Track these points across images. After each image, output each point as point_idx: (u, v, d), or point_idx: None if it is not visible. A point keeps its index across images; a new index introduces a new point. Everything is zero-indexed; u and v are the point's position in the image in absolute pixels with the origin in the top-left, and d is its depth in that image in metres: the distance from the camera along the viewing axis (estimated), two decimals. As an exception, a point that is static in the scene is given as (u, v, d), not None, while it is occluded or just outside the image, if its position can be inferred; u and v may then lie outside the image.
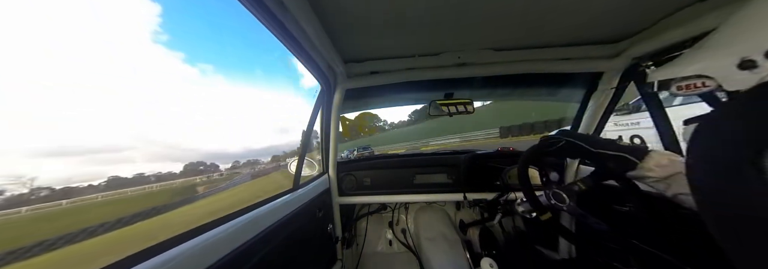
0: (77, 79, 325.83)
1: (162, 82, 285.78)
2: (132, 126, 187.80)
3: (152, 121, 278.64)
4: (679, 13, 0.84)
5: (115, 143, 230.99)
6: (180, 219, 13.07)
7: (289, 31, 0.78)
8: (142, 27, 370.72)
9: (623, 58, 1.13)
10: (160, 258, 0.51)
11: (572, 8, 0.83)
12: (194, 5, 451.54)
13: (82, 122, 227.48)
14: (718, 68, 0.51)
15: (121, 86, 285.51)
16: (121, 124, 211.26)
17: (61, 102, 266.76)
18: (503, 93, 1.79)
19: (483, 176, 1.51)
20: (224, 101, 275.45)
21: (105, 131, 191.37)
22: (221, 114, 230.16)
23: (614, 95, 1.25)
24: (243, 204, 0.87)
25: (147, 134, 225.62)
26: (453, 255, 1.54)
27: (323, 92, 1.34)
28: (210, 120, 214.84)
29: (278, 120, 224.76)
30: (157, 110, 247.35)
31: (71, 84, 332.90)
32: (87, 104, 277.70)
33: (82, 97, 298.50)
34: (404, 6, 0.78)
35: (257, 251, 0.77)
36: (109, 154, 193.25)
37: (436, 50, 1.18)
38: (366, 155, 1.84)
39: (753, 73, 0.44)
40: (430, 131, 24.33)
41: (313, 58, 1.04)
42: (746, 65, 0.45)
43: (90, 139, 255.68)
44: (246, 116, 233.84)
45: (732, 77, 0.48)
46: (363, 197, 1.63)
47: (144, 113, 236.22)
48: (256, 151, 71.84)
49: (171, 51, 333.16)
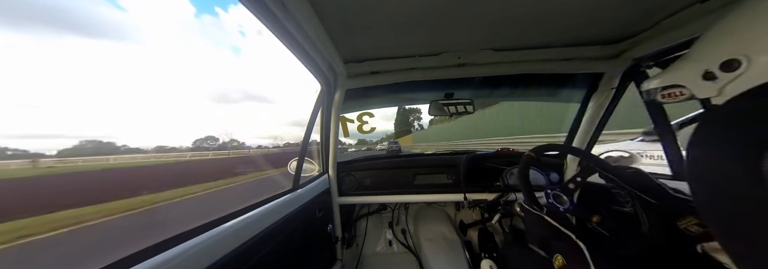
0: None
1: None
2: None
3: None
4: (679, 14, 0.84)
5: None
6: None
7: (289, 31, 0.78)
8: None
9: (623, 58, 1.13)
10: (160, 258, 0.51)
11: (573, 9, 0.83)
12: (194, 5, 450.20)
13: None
14: (689, 78, 0.57)
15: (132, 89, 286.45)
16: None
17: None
18: (503, 93, 1.79)
19: (483, 177, 1.51)
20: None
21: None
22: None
23: (614, 95, 1.25)
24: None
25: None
26: (452, 256, 1.54)
27: (323, 92, 1.34)
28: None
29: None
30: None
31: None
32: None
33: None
34: (404, 6, 0.78)
35: (257, 251, 0.77)
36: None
37: (436, 50, 1.18)
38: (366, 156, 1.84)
39: (714, 83, 0.50)
40: (464, 129, 21.93)
41: (314, 58, 1.04)
42: (708, 77, 0.51)
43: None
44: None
45: (699, 86, 0.54)
46: (363, 197, 1.63)
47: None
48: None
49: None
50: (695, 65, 0.55)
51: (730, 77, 0.47)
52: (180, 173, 15.33)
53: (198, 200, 6.74)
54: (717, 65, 0.49)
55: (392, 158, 1.84)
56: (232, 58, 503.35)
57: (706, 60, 0.52)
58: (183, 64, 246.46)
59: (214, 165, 12.36)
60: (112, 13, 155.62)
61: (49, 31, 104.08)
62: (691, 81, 0.56)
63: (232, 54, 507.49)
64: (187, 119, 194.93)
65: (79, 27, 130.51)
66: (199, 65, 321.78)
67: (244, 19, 39.13)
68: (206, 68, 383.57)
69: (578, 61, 1.21)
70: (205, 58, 49.03)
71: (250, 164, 13.20)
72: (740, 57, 0.45)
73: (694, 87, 0.56)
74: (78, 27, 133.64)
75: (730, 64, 0.46)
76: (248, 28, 35.81)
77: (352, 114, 1.60)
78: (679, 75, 0.61)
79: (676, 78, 0.61)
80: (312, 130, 1.36)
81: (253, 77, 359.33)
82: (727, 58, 0.47)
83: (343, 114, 1.52)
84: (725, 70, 0.48)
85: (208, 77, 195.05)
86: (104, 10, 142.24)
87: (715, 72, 0.49)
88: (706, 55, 0.53)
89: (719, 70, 0.48)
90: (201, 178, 10.69)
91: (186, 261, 0.54)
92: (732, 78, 0.47)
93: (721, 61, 0.48)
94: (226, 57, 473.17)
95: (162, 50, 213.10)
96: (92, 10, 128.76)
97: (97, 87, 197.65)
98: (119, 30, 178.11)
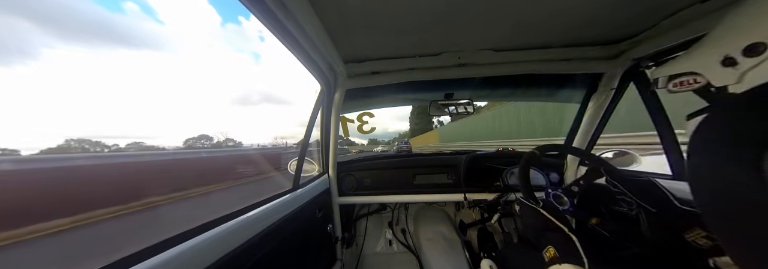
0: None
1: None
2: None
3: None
4: (679, 14, 0.84)
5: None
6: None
7: (289, 31, 0.78)
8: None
9: (623, 59, 1.13)
10: (160, 258, 0.51)
11: (573, 9, 0.83)
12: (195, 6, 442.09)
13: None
14: (706, 65, 0.54)
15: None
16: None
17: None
18: (503, 94, 1.79)
19: (483, 177, 1.51)
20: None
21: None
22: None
23: (614, 96, 1.25)
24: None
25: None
26: (452, 256, 1.54)
27: (323, 92, 1.34)
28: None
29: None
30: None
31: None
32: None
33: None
34: (405, 6, 0.78)
35: (257, 251, 0.77)
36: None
37: (436, 51, 1.18)
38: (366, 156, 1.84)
39: (734, 69, 0.48)
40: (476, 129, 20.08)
41: (314, 59, 1.04)
42: (728, 63, 0.49)
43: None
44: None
45: (717, 73, 0.52)
46: (363, 197, 1.63)
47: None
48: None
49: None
50: (713, 51, 0.53)
51: (754, 63, 0.44)
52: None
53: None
54: (739, 50, 0.46)
55: (392, 158, 1.84)
56: (253, 63, 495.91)
57: (727, 45, 0.50)
58: (210, 69, 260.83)
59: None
60: (152, 26, 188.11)
61: (103, 44, 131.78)
62: (707, 68, 0.54)
63: (252, 58, 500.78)
64: (216, 121, 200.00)
65: (126, 39, 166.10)
66: (223, 70, 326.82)
67: (261, 25, 39.29)
68: (230, 72, 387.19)
69: (578, 61, 1.21)
70: (228, 63, 49.43)
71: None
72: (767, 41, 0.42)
73: (710, 74, 0.53)
74: (125, 39, 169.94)
75: (755, 48, 0.44)
76: (267, 33, 35.77)
77: (352, 114, 1.60)
78: (693, 62, 0.58)
79: (690, 65, 0.59)
80: (312, 130, 1.36)
81: (270, 79, 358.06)
82: (753, 42, 0.44)
83: (343, 114, 1.52)
84: (749, 54, 0.45)
85: (231, 80, 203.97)
86: (146, 25, 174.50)
87: (736, 57, 0.47)
88: (727, 40, 0.51)
89: (742, 55, 0.46)
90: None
91: (186, 261, 0.54)
92: (755, 63, 0.44)
93: (745, 46, 0.45)
94: (247, 61, 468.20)
95: (193, 57, 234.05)
96: (136, 25, 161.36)
97: (140, 92, 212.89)
98: (157, 41, 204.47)
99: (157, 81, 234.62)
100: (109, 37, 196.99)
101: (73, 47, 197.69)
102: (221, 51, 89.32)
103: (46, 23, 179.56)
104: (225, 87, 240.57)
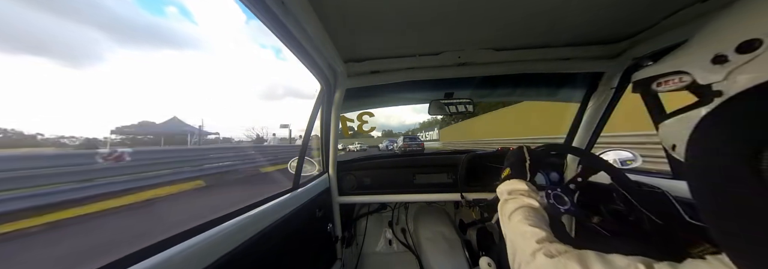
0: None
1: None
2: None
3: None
4: (679, 13, 0.84)
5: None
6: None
7: (289, 31, 0.78)
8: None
9: (624, 58, 1.13)
10: (161, 257, 0.51)
11: (573, 8, 0.83)
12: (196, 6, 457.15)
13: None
14: (695, 63, 0.54)
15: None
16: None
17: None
18: (503, 93, 1.79)
19: (483, 177, 1.51)
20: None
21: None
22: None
23: (614, 95, 1.25)
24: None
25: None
26: (452, 255, 1.54)
27: (323, 92, 1.34)
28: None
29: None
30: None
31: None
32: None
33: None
34: (405, 5, 0.78)
35: (257, 250, 0.77)
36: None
37: (436, 50, 1.17)
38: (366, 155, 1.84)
39: (722, 67, 0.48)
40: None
41: (314, 58, 1.04)
42: (719, 60, 0.49)
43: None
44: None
45: (705, 71, 0.52)
46: (363, 196, 1.63)
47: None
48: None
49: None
50: (704, 49, 0.53)
51: (744, 59, 0.44)
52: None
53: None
54: (733, 47, 0.46)
55: (392, 157, 1.84)
56: (274, 58, 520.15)
57: (719, 42, 0.50)
58: (240, 65, 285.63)
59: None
60: (190, 28, 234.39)
61: (152, 45, 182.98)
62: (696, 66, 0.54)
63: (273, 53, 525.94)
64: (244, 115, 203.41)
65: (170, 41, 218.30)
66: (250, 65, 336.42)
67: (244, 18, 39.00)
68: (256, 67, 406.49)
69: (578, 60, 1.21)
70: (255, 58, 49.89)
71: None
72: (763, 37, 0.42)
73: (698, 72, 0.53)
74: (169, 41, 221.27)
75: (750, 45, 0.43)
76: (268, 32, 36.17)
77: (352, 114, 1.60)
78: (682, 61, 0.59)
79: (678, 64, 0.59)
80: (312, 129, 1.36)
81: (292, 73, 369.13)
82: (749, 38, 0.44)
83: (343, 114, 1.52)
84: (742, 51, 0.44)
85: (258, 75, 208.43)
86: (185, 26, 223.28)
87: (728, 55, 0.47)
88: (720, 37, 0.51)
89: (735, 52, 0.45)
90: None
91: (186, 260, 0.54)
92: (746, 60, 0.44)
93: (739, 42, 0.45)
94: (270, 56, 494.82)
95: (225, 54, 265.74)
96: (177, 27, 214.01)
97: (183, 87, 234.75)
98: (196, 40, 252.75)
99: (197, 78, 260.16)
100: (155, 39, 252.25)
101: (129, 50, 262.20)
102: (247, 47, 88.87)
103: (108, 31, 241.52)
104: (253, 82, 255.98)
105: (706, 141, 0.36)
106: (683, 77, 0.56)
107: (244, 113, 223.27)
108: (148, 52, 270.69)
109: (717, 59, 0.49)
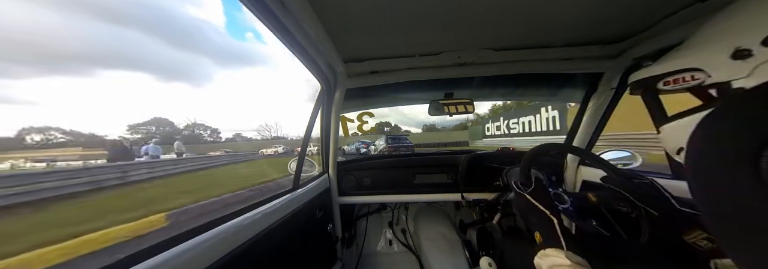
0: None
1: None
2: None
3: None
4: (680, 13, 0.84)
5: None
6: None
7: (289, 31, 0.78)
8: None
9: (624, 58, 1.13)
10: (161, 258, 0.50)
11: (573, 8, 0.83)
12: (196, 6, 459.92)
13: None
14: (710, 58, 0.50)
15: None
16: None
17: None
18: (503, 93, 1.79)
19: (483, 177, 1.51)
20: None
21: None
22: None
23: (614, 95, 1.25)
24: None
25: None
26: (452, 255, 1.54)
27: (323, 92, 1.34)
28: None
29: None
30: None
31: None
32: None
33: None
34: (404, 6, 0.78)
35: (257, 250, 0.77)
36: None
37: (436, 50, 1.17)
38: (366, 155, 1.85)
39: (746, 62, 0.44)
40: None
41: (314, 58, 1.04)
42: (740, 55, 0.45)
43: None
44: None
45: (723, 67, 0.48)
46: (363, 197, 1.63)
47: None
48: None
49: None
50: (718, 44, 0.49)
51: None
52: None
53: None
54: (758, 41, 0.42)
55: (392, 157, 1.83)
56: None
57: (738, 36, 0.46)
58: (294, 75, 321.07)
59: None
60: (261, 47, 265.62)
61: (239, 65, 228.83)
62: (712, 62, 0.49)
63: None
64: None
65: (250, 60, 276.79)
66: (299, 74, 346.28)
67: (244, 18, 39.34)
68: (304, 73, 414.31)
69: (578, 60, 1.21)
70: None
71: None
72: None
73: (715, 69, 0.49)
74: (250, 60, 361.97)
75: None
76: (268, 32, 36.37)
77: (352, 114, 1.60)
78: (692, 58, 0.54)
79: (687, 61, 0.54)
80: (312, 130, 1.36)
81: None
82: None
83: (343, 114, 1.52)
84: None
85: (305, 80, 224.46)
86: (259, 47, 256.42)
87: (752, 49, 0.43)
88: (738, 32, 0.47)
89: (761, 45, 0.42)
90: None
91: (186, 261, 0.54)
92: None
93: (766, 35, 0.41)
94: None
95: (285, 68, 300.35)
96: (255, 48, 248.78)
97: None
98: (264, 57, 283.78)
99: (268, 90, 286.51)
100: (239, 60, 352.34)
101: (225, 70, 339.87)
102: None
103: (213, 57, 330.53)
104: (301, 86, 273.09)
105: (706, 141, 0.36)
106: (695, 75, 0.52)
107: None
108: (238, 70, 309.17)
109: (738, 54, 0.45)
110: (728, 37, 0.48)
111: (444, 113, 1.54)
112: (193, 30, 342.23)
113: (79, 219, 3.88)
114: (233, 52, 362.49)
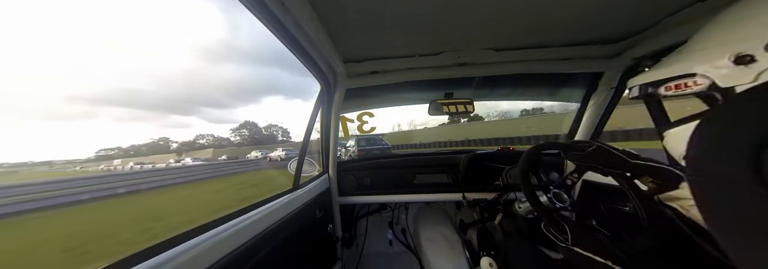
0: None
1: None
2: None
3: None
4: (680, 13, 0.84)
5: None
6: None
7: (289, 31, 0.78)
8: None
9: (624, 58, 1.13)
10: (161, 258, 0.51)
11: (573, 8, 0.83)
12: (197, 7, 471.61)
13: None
14: (712, 63, 0.50)
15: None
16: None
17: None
18: (503, 93, 1.79)
19: (483, 176, 1.51)
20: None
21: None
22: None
23: (614, 94, 1.25)
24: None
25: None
26: (453, 255, 1.53)
27: (323, 92, 1.34)
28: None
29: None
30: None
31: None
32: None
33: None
34: (404, 6, 0.78)
35: (257, 251, 0.77)
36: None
37: (436, 50, 1.17)
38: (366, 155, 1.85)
39: (749, 67, 0.44)
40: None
41: (314, 58, 1.04)
42: (742, 60, 0.44)
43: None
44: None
45: (726, 72, 0.47)
46: (363, 197, 1.63)
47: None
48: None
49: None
50: (719, 50, 0.48)
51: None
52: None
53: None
54: (761, 46, 0.42)
55: (392, 157, 1.83)
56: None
57: (739, 41, 0.46)
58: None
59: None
60: (297, 81, 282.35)
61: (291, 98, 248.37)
62: (714, 67, 0.49)
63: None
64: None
65: (293, 93, 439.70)
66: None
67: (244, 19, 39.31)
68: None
69: (578, 60, 1.21)
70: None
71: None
72: None
73: (718, 74, 0.48)
74: (293, 93, 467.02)
75: None
76: (268, 33, 34.78)
77: (352, 114, 1.60)
78: (693, 62, 0.53)
79: (688, 66, 0.54)
80: (312, 130, 1.36)
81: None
82: None
83: (343, 114, 1.52)
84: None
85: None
86: (298, 81, 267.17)
87: (755, 54, 0.43)
88: (739, 36, 0.47)
89: (764, 51, 0.42)
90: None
91: (187, 261, 0.54)
92: None
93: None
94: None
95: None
96: (300, 83, 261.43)
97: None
98: (300, 90, 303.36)
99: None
100: (295, 94, 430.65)
101: (287, 101, 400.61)
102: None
103: (285, 94, 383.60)
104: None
105: (706, 143, 0.36)
106: (698, 80, 0.52)
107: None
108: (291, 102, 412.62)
109: (740, 60, 0.44)
110: (730, 42, 0.48)
111: (444, 113, 1.54)
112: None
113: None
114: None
